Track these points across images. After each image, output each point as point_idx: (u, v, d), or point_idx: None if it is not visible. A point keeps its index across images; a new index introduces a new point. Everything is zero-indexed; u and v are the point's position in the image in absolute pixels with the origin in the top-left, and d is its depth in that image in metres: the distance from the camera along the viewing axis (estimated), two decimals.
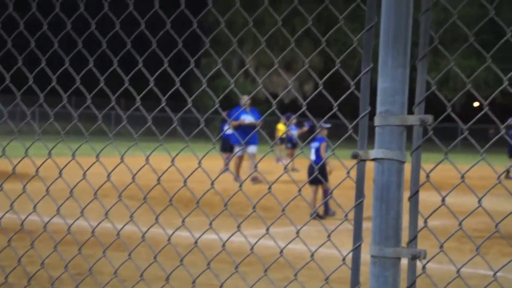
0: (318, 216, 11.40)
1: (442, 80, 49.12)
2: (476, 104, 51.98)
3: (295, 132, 23.26)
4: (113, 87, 3.01)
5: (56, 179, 3.12)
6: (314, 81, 48.32)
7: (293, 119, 21.71)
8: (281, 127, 24.62)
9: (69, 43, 3.27)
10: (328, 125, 12.00)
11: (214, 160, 21.33)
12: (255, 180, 16.81)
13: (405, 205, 2.10)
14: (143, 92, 2.79)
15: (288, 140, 23.04)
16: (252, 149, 17.79)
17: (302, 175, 20.00)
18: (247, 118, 16.93)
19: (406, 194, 2.09)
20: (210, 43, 2.88)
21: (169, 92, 2.74)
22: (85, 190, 3.36)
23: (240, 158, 17.75)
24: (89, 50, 3.09)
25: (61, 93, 3.11)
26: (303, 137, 23.32)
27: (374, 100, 2.10)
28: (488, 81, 48.44)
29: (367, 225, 2.30)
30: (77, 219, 3.29)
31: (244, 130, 17.09)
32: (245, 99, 17.61)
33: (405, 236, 2.09)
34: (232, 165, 18.26)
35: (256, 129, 2.79)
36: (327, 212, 12.03)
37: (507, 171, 20.31)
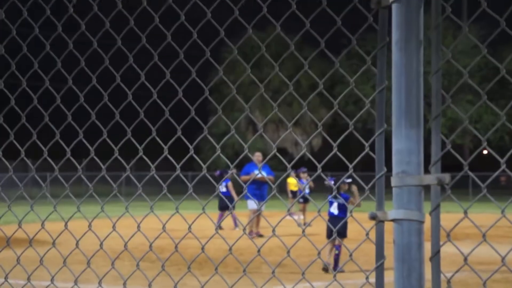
0: (326, 268, 11.28)
1: (449, 127, 49.20)
2: (485, 152, 51.87)
3: (306, 186, 23.18)
4: (123, 149, 3.04)
5: (73, 250, 3.11)
6: (322, 135, 48.44)
7: (302, 174, 21.60)
8: (291, 181, 24.60)
9: (81, 112, 3.32)
10: (350, 180, 11.96)
11: (227, 219, 21.25)
12: (257, 234, 16.83)
13: (426, 260, 2.08)
14: (157, 161, 2.81)
15: (299, 195, 22.95)
16: (252, 205, 17.69)
17: (314, 229, 19.86)
18: (260, 174, 16.93)
19: (426, 246, 2.07)
20: (218, 103, 2.91)
21: (183, 160, 2.76)
22: (99, 254, 3.34)
23: (256, 214, 17.69)
24: (101, 117, 3.12)
25: (74, 163, 3.13)
26: (321, 189, 23.23)
27: (388, 158, 2.11)
28: (495, 125, 48.38)
29: (388, 279, 2.28)
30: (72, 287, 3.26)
31: (256, 185, 17.06)
32: (258, 156, 17.66)
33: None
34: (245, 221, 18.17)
35: (272, 184, 2.78)
36: (335, 269, 11.87)
37: None
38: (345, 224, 11.95)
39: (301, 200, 23.48)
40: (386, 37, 2.13)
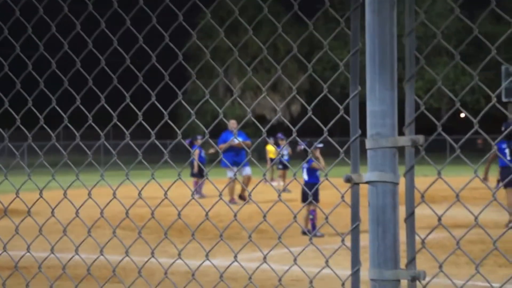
0: (306, 233, 11.38)
1: (427, 90, 49.45)
2: (462, 115, 52.29)
3: (286, 153, 23.30)
4: (101, 118, 3.01)
5: (48, 219, 3.09)
6: (300, 102, 48.50)
7: (281, 140, 21.70)
8: (270, 148, 24.70)
9: (55, 80, 3.27)
10: (321, 145, 12.02)
11: (205, 185, 21.31)
12: (242, 198, 16.97)
13: (402, 223, 2.10)
14: (131, 128, 2.79)
15: (279, 161, 23.06)
16: (247, 170, 17.83)
17: (293, 195, 20.00)
18: (236, 140, 16.96)
19: (402, 210, 2.09)
20: (195, 68, 2.88)
21: (158, 126, 2.74)
22: (78, 223, 3.34)
23: (234, 181, 17.76)
24: (76, 84, 3.09)
25: (49, 131, 3.10)
26: (299, 156, 23.39)
27: (363, 121, 2.11)
28: (473, 88, 48.85)
29: (364, 243, 2.30)
30: (72, 257, 3.26)
31: (234, 152, 17.11)
32: (233, 124, 17.69)
33: (403, 252, 2.09)
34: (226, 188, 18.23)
35: (249, 149, 2.78)
36: (313, 232, 11.97)
37: (497, 181, 20.23)
38: (316, 189, 12.03)
39: (280, 166, 23.61)
40: None
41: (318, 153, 12.33)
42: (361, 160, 2.18)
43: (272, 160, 24.39)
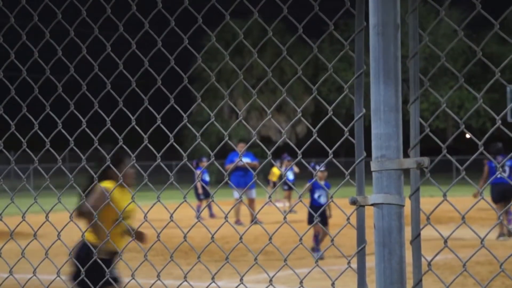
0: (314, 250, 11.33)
1: (433, 111, 49.43)
2: (468, 135, 52.21)
3: (291, 174, 23.31)
4: (107, 141, 3.02)
5: (54, 242, 3.09)
6: (316, 128, 48.34)
7: (287, 162, 21.70)
8: (275, 171, 24.79)
9: (61, 102, 3.29)
10: (323, 169, 11.96)
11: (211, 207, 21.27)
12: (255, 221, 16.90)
13: (408, 245, 2.09)
14: (137, 151, 2.80)
15: (284, 182, 23.05)
16: (252, 194, 17.83)
17: (299, 216, 19.93)
18: (244, 161, 16.99)
19: (408, 232, 2.09)
20: (200, 90, 2.90)
21: (163, 149, 2.75)
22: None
23: (240, 202, 17.78)
24: (82, 107, 3.10)
25: (55, 154, 3.11)
26: (306, 176, 23.38)
27: (368, 140, 2.11)
28: (479, 111, 48.81)
29: (370, 264, 2.29)
30: (79, 279, 3.25)
31: (242, 172, 17.11)
32: (241, 147, 17.73)
33: (409, 273, 2.08)
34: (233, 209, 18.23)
35: (256, 170, 2.79)
36: (316, 252, 11.84)
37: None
38: (323, 210, 12.00)
39: (285, 187, 23.58)
40: (364, 21, 2.13)
41: (324, 177, 12.28)
42: (367, 181, 2.17)
43: (274, 183, 24.46)
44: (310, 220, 12.03)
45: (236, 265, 2.92)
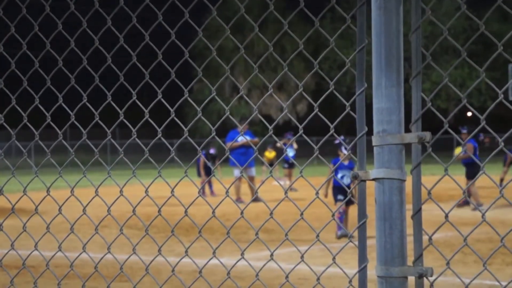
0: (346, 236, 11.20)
1: (435, 90, 49.16)
2: (469, 114, 52.16)
3: (291, 151, 23.35)
4: (108, 117, 3.01)
5: (55, 216, 3.10)
6: (307, 101, 48.56)
7: (287, 140, 21.79)
8: (268, 154, 25.18)
9: (61, 78, 3.28)
10: (345, 151, 11.75)
11: (213, 184, 21.34)
12: (257, 199, 16.92)
13: (409, 220, 2.10)
14: (138, 125, 2.79)
15: (284, 161, 23.12)
16: (252, 171, 17.90)
17: (300, 194, 20.00)
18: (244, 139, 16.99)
19: (409, 208, 2.09)
20: (202, 69, 2.89)
21: (164, 124, 2.74)
22: (85, 222, 3.34)
23: (240, 181, 17.78)
24: (82, 83, 3.09)
25: (56, 129, 3.11)
26: (307, 153, 23.38)
27: (370, 118, 2.11)
28: (480, 89, 48.74)
29: (371, 242, 2.30)
30: (79, 255, 3.27)
31: (241, 152, 17.12)
32: (242, 126, 17.72)
33: (410, 250, 2.09)
34: (232, 187, 18.31)
35: (254, 149, 2.78)
36: (339, 229, 11.73)
37: (501, 180, 20.51)
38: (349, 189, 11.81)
39: (285, 165, 23.66)
40: None
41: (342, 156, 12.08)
42: (368, 159, 2.17)
43: (269, 164, 24.73)
44: (335, 199, 11.90)
45: (238, 242, 2.92)
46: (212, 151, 20.73)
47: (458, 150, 15.09)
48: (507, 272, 7.92)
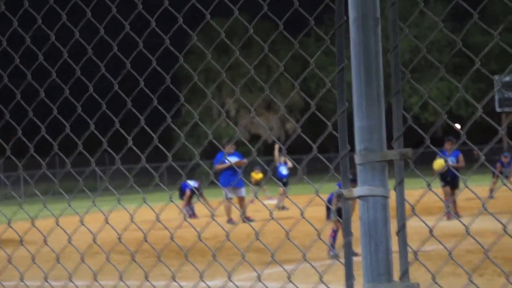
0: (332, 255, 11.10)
1: (422, 105, 49.64)
2: (458, 126, 52.41)
3: (284, 167, 23.35)
4: (96, 146, 3.01)
5: (42, 247, 3.08)
6: (295, 119, 48.72)
7: (282, 158, 21.74)
8: (254, 175, 25.34)
9: (45, 109, 3.28)
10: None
11: (197, 206, 21.27)
12: (248, 220, 16.86)
13: (394, 236, 2.10)
14: (122, 152, 2.80)
15: (278, 179, 23.16)
16: (242, 192, 17.87)
17: (291, 212, 19.97)
18: (232, 160, 17.01)
19: (394, 223, 2.10)
20: (189, 92, 2.91)
21: (147, 151, 2.75)
22: (74, 250, 3.33)
23: (230, 201, 17.76)
24: (65, 113, 3.10)
25: (40, 161, 3.11)
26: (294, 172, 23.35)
27: (353, 136, 2.12)
28: (467, 100, 49.01)
29: (358, 259, 2.30)
30: (66, 285, 3.25)
31: (230, 174, 17.12)
32: (229, 148, 17.76)
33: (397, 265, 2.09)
34: (223, 208, 18.27)
35: (245, 167, 2.79)
36: (332, 251, 11.63)
37: (490, 190, 20.60)
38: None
39: (280, 183, 23.68)
40: (344, 16, 2.14)
41: None
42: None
43: (251, 183, 24.88)
44: (328, 216, 11.82)
45: (230, 264, 2.92)
46: (195, 184, 20.69)
47: (437, 164, 15.11)
48: (499, 282, 7.93)
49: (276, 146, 21.98)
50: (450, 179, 15.03)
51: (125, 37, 2.85)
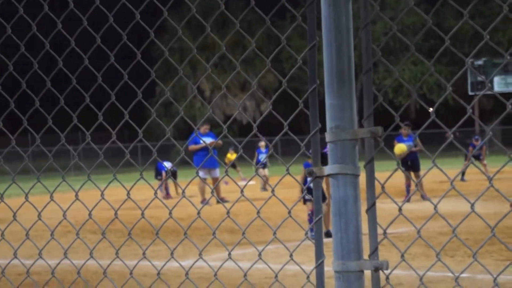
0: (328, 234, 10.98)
1: (396, 87, 49.90)
2: (431, 108, 52.72)
3: (265, 154, 23.33)
4: (63, 121, 2.98)
5: (10, 222, 3.06)
6: (270, 99, 48.61)
7: (263, 143, 21.79)
8: (229, 156, 25.33)
9: (14, 82, 3.23)
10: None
11: (172, 187, 21.25)
12: (222, 200, 16.84)
13: (365, 216, 2.12)
14: (91, 129, 2.77)
15: (256, 162, 23.21)
16: (216, 173, 17.85)
17: (268, 193, 20.03)
18: (207, 141, 16.97)
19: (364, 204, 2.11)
20: (164, 70, 2.89)
21: (118, 127, 2.73)
22: (45, 228, 3.30)
23: (204, 181, 17.74)
24: (34, 88, 3.06)
25: (9, 135, 3.07)
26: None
27: (325, 116, 2.12)
28: (440, 84, 49.36)
29: (330, 240, 2.31)
30: (35, 261, 3.23)
31: (204, 154, 17.08)
32: (204, 128, 17.71)
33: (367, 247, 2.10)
34: (197, 189, 18.26)
35: (219, 148, 2.78)
36: (310, 233, 11.56)
37: (462, 173, 20.89)
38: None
39: (260, 166, 23.71)
40: None
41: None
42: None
43: (226, 164, 24.91)
44: (304, 199, 11.70)
45: (203, 244, 2.92)
46: (170, 166, 20.63)
47: (398, 148, 15.41)
48: (469, 264, 8.04)
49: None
50: (410, 163, 15.38)
51: (99, 12, 2.81)
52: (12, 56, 3.09)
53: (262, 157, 22.85)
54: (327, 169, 2.05)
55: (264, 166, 23.15)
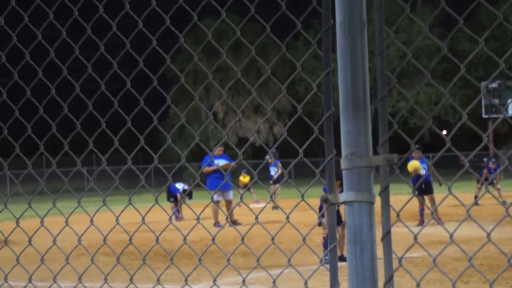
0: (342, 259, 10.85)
1: (411, 109, 49.81)
2: (445, 132, 52.62)
3: (274, 172, 23.35)
4: (77, 143, 2.99)
5: (26, 247, 3.06)
6: (284, 123, 48.75)
7: (269, 159, 21.74)
8: (242, 179, 25.37)
9: (32, 109, 3.26)
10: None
11: (184, 209, 21.18)
12: (235, 223, 16.80)
13: (380, 242, 2.10)
14: (107, 154, 2.78)
15: (269, 177, 23.27)
16: (229, 195, 17.82)
17: (279, 217, 19.97)
18: (220, 163, 16.99)
19: (380, 229, 2.10)
20: (179, 92, 2.90)
21: (133, 153, 2.74)
22: (59, 251, 3.31)
23: (217, 204, 17.71)
24: (52, 113, 3.08)
25: (26, 160, 3.09)
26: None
27: (339, 141, 2.12)
28: (454, 106, 49.02)
29: (343, 264, 2.29)
30: (50, 286, 3.23)
31: (218, 176, 17.08)
32: (218, 150, 17.75)
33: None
34: (210, 211, 18.23)
35: (233, 171, 2.78)
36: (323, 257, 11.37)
37: (475, 197, 20.76)
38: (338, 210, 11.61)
39: (270, 182, 23.71)
40: (330, 19, 2.14)
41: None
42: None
43: (239, 187, 25.00)
44: (320, 223, 11.61)
45: (217, 268, 2.91)
46: (186, 187, 20.68)
47: (411, 165, 15.23)
48: None
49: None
50: (424, 186, 15.24)
51: (115, 38, 2.83)
52: (30, 80, 3.12)
53: (271, 170, 22.86)
54: (342, 197, 2.05)
55: (274, 182, 23.14)
